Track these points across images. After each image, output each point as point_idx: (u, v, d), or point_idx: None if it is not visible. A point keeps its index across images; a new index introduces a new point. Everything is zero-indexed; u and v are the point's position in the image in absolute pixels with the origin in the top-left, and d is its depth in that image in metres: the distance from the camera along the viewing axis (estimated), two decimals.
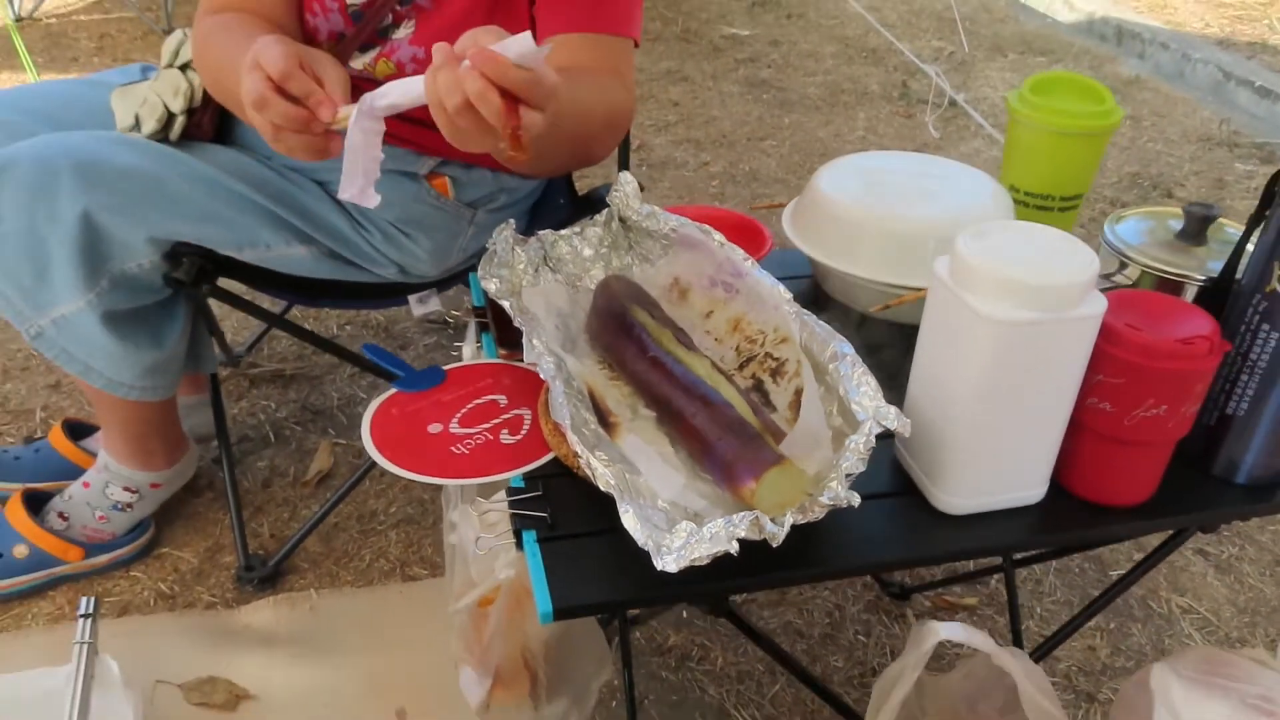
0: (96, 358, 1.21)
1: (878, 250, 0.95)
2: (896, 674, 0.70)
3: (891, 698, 0.69)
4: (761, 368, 0.86)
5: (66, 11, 3.70)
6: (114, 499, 1.43)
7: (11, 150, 1.14)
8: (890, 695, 0.69)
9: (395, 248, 1.26)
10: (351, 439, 1.73)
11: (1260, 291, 0.77)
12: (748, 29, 3.82)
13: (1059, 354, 0.71)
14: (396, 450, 0.83)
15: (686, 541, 0.66)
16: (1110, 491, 0.79)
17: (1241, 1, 4.35)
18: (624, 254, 1.00)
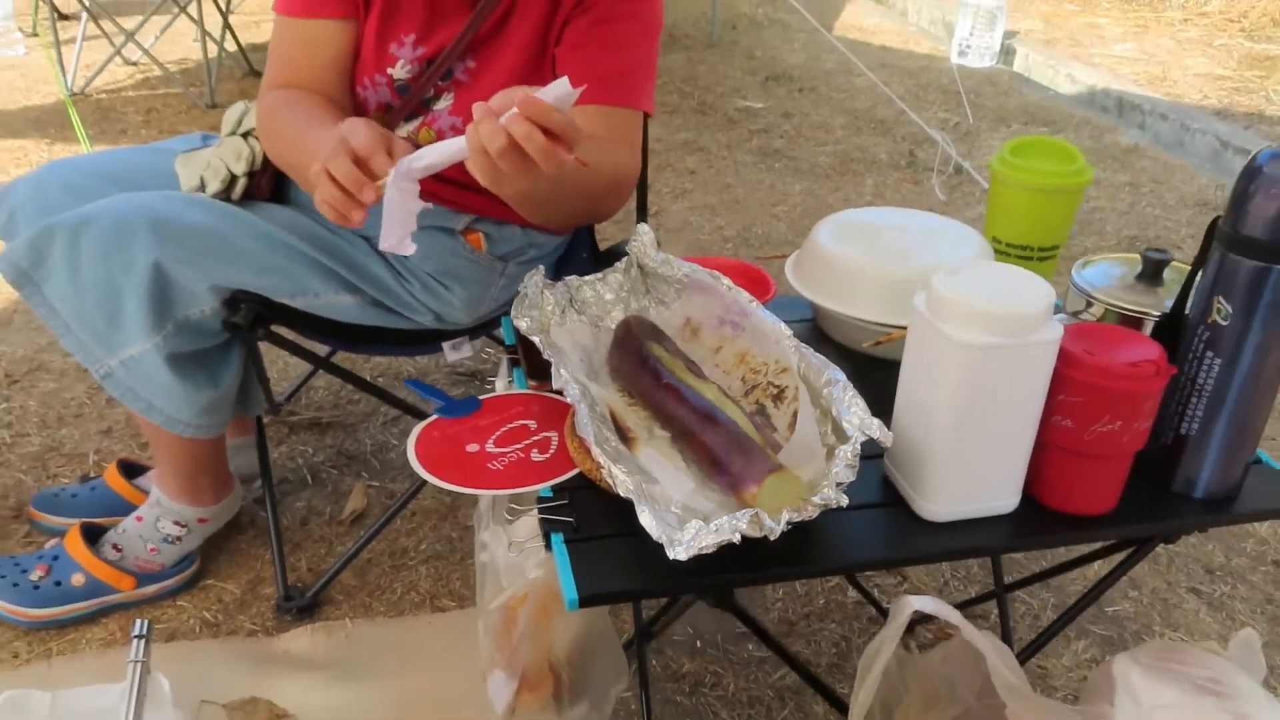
0: (159, 396, 1.33)
1: (869, 294, 1.06)
2: (877, 646, 0.79)
3: (874, 667, 0.77)
4: (764, 394, 0.96)
5: (116, 87, 3.93)
6: (165, 532, 1.53)
7: (91, 208, 1.27)
8: (873, 665, 0.77)
9: (433, 297, 1.38)
10: (384, 481, 1.83)
11: (1204, 323, 0.87)
12: (761, 102, 4.00)
13: (1022, 375, 0.81)
14: (439, 466, 0.93)
15: (695, 535, 0.76)
16: (1076, 501, 0.88)
17: (1239, 75, 4.51)
18: (641, 297, 1.11)
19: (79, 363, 2.09)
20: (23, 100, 3.74)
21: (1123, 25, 5.20)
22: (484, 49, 1.25)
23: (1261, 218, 0.83)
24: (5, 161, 3.18)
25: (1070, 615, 1.07)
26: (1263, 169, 0.82)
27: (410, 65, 1.27)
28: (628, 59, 1.23)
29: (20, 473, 1.81)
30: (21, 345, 2.20)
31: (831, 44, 4.24)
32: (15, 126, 3.48)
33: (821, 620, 1.54)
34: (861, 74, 3.97)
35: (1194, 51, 4.78)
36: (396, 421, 2.00)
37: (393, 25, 1.26)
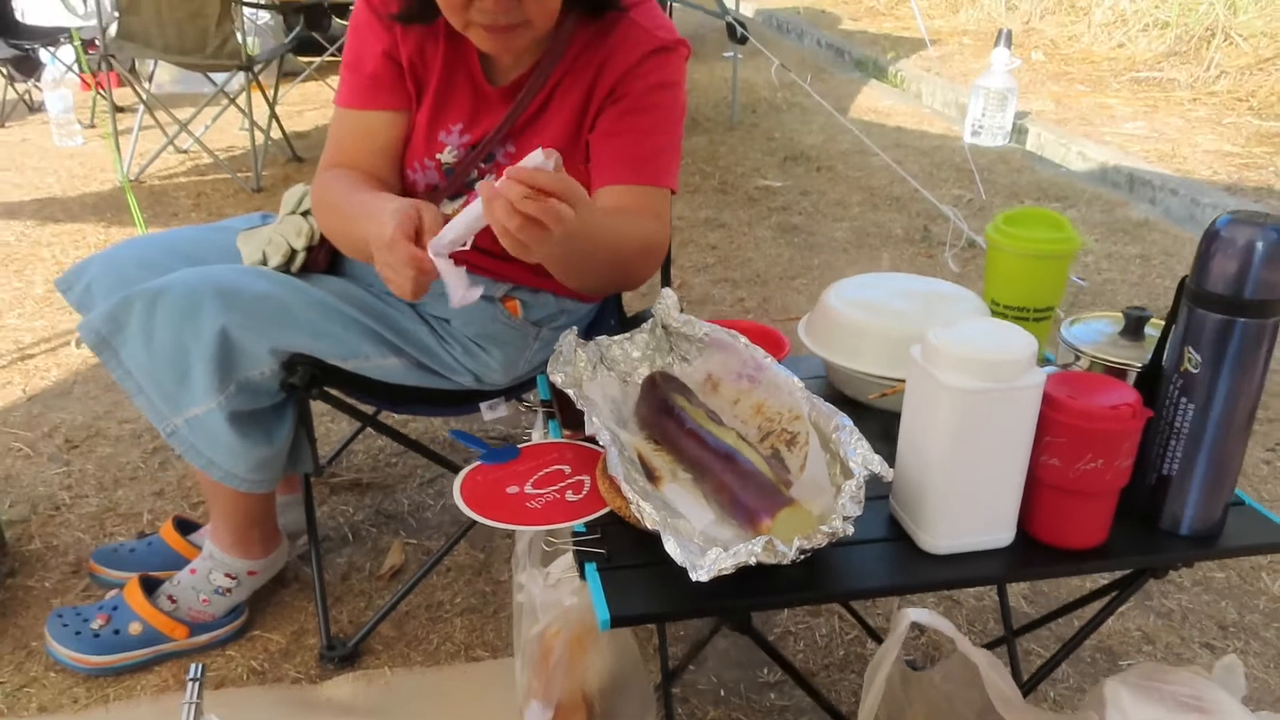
0: (219, 453, 1.43)
1: (874, 350, 1.15)
2: (880, 656, 0.86)
3: (876, 679, 0.84)
4: (779, 439, 1.05)
5: (168, 174, 4.16)
6: (216, 584, 1.62)
7: (165, 280, 1.39)
8: (875, 677, 0.84)
9: (472, 359, 1.49)
10: (421, 539, 1.92)
11: (1177, 371, 0.96)
12: (780, 181, 4.16)
13: (1009, 417, 0.90)
14: (482, 506, 1.03)
15: (715, 559, 0.84)
16: (1067, 535, 0.96)
17: (1248, 151, 4.62)
18: (666, 355, 1.21)
19: (134, 430, 2.24)
20: (82, 187, 3.97)
21: (1133, 105, 5.36)
22: (522, 134, 1.38)
23: (1222, 276, 0.92)
24: (65, 243, 3.37)
25: (1070, 647, 1.13)
26: (1220, 232, 0.92)
27: (457, 150, 1.40)
28: (655, 144, 1.36)
29: (79, 532, 1.92)
30: (80, 413, 2.33)
31: (848, 125, 4.41)
32: (74, 211, 3.69)
33: (841, 670, 1.59)
34: (877, 153, 4.13)
35: (1203, 129, 4.91)
36: (432, 483, 2.09)
37: (442, 116, 1.39)
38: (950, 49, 6.72)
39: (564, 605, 0.99)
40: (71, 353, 2.62)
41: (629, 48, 1.33)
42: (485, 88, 1.38)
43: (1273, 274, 0.91)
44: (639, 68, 1.33)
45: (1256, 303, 0.92)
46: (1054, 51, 6.50)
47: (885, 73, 6.34)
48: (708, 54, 6.65)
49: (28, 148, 4.50)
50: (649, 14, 1.37)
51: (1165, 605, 1.78)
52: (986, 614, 1.70)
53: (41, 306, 2.90)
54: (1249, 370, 0.94)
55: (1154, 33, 6.18)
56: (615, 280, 1.37)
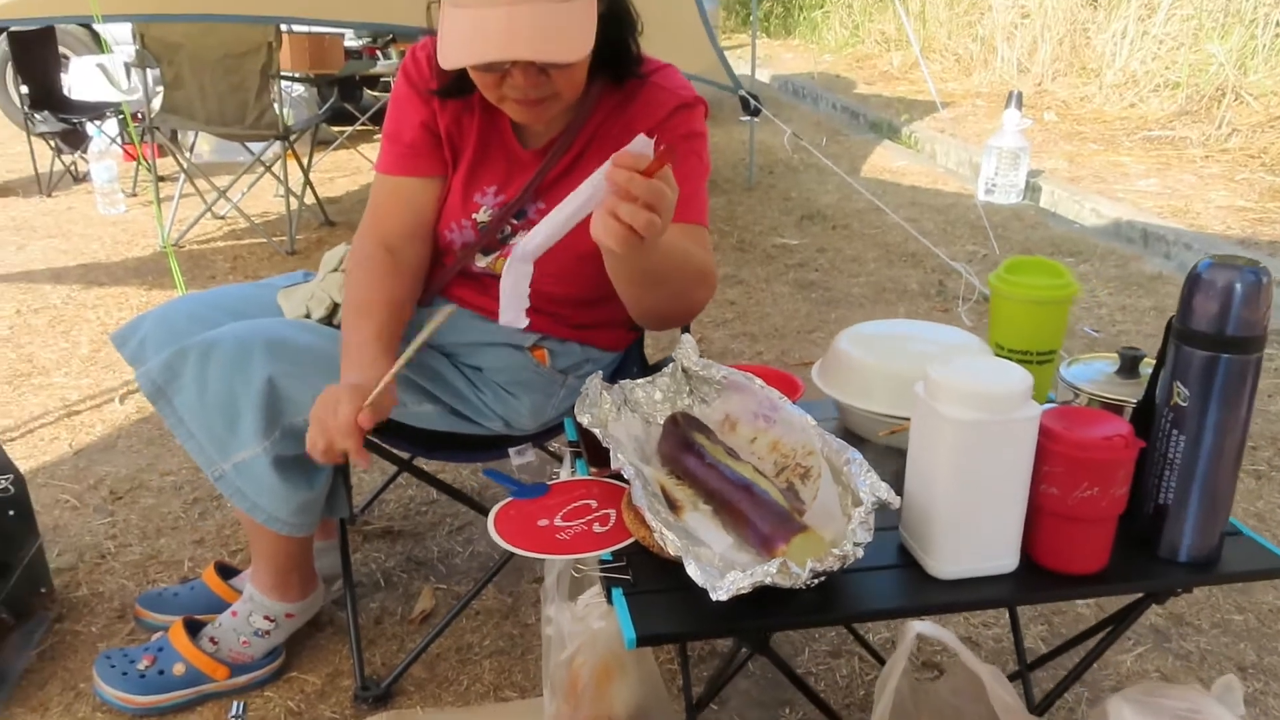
0: (263, 496, 1.51)
1: (883, 390, 1.22)
2: (889, 668, 0.91)
3: (886, 689, 0.89)
4: (793, 473, 1.12)
5: (206, 238, 4.32)
6: (256, 626, 1.69)
7: (217, 333, 1.49)
8: (885, 686, 0.89)
9: (503, 405, 1.57)
10: (450, 584, 1.98)
11: (1168, 405, 1.02)
12: (797, 239, 4.26)
13: (1008, 447, 0.96)
14: (515, 537, 1.09)
15: (734, 580, 0.90)
16: (1068, 561, 1.01)
17: (1261, 206, 4.68)
18: (686, 397, 1.28)
19: (175, 482, 2.32)
20: (125, 252, 4.14)
21: (1145, 163, 5.45)
22: (552, 191, 1.48)
23: (1205, 315, 0.98)
24: (110, 305, 3.51)
25: (1079, 670, 1.17)
26: (1202, 275, 0.99)
27: (491, 209, 1.49)
28: (691, 188, 1.44)
29: (124, 579, 1.99)
30: (124, 466, 2.42)
31: (858, 186, 4.52)
32: (118, 275, 3.85)
33: (863, 710, 1.63)
34: (892, 210, 4.23)
35: (1216, 185, 4.99)
36: (461, 530, 2.16)
37: (478, 179, 1.49)
38: (963, 110, 6.87)
39: (591, 629, 1.05)
40: (116, 408, 2.73)
41: (654, 108, 1.43)
42: (518, 151, 1.48)
43: (1252, 313, 0.97)
44: (667, 122, 1.43)
45: (1239, 339, 0.98)
46: (1066, 112, 6.63)
47: (899, 134, 6.49)
48: (725, 119, 6.83)
49: (73, 216, 4.69)
50: (669, 77, 1.47)
51: (1184, 647, 1.80)
52: (1004, 655, 1.73)
53: (87, 365, 3.01)
54: (1235, 403, 1.00)
55: (1165, 93, 6.30)
56: (675, 303, 1.36)
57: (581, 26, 1.26)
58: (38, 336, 3.24)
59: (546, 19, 1.21)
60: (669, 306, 1.42)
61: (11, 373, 2.97)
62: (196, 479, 2.35)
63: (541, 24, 1.21)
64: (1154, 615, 1.89)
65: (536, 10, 1.21)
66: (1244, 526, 1.11)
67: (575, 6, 1.24)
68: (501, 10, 1.20)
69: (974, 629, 1.82)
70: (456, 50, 1.25)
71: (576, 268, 1.46)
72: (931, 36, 8.88)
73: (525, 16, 1.20)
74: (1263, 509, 2.24)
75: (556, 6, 1.22)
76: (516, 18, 1.20)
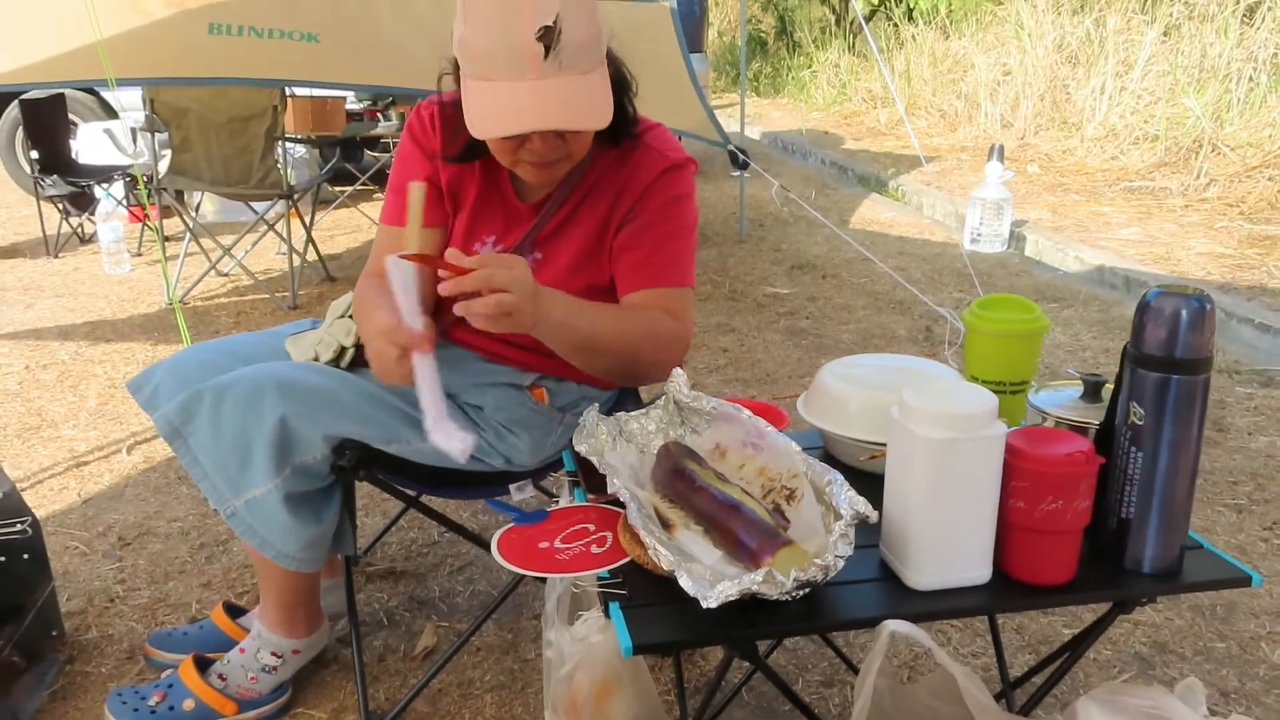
0: (273, 532, 1.57)
1: (863, 418, 1.29)
2: (866, 667, 0.96)
3: (864, 686, 0.94)
4: (779, 495, 1.18)
5: (210, 295, 4.41)
6: (263, 662, 1.73)
7: (230, 376, 1.56)
8: (863, 684, 0.94)
9: (503, 442, 1.63)
10: (452, 622, 2.03)
11: (1126, 424, 1.09)
12: (787, 288, 4.37)
13: (976, 463, 1.03)
14: (517, 558, 1.16)
15: (723, 589, 0.97)
16: (1037, 572, 1.08)
17: (1240, 253, 4.80)
18: (678, 427, 1.35)
19: (182, 528, 2.38)
20: (130, 309, 4.22)
21: (1127, 212, 5.59)
22: (548, 244, 1.57)
23: (1155, 340, 1.06)
24: (116, 360, 3.58)
25: (1053, 681, 1.23)
26: (1151, 304, 1.07)
27: None
28: (670, 252, 1.54)
29: (133, 621, 2.04)
30: (132, 514, 2.48)
31: (845, 237, 4.64)
32: (124, 331, 3.93)
33: None
34: (880, 260, 4.34)
35: (1196, 233, 5.11)
36: (462, 571, 2.21)
37: (477, 228, 1.58)
38: (949, 164, 7.04)
39: (590, 644, 1.11)
40: (123, 458, 2.79)
41: (644, 171, 1.53)
42: (516, 204, 1.57)
43: (1198, 337, 1.05)
44: (653, 186, 1.53)
45: (1187, 361, 1.06)
46: (1049, 165, 6.80)
47: (887, 187, 6.64)
48: (716, 174, 6.99)
49: (80, 275, 4.79)
50: (660, 138, 1.57)
51: (1168, 674, 1.85)
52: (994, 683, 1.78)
53: (95, 418, 3.08)
54: (1187, 421, 1.07)
55: (1145, 145, 6.47)
56: (626, 366, 1.50)
57: (604, 96, 1.35)
58: (46, 391, 3.31)
59: (572, 92, 1.31)
60: (625, 370, 1.53)
61: (21, 426, 3.03)
62: (203, 525, 2.41)
63: (568, 97, 1.31)
64: (1139, 644, 1.94)
65: (563, 84, 1.30)
66: (1204, 540, 1.18)
67: (593, 78, 1.34)
68: (529, 84, 1.29)
69: (963, 658, 1.86)
70: (490, 122, 1.34)
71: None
72: (917, 94, 9.12)
73: (553, 90, 1.29)
74: (1243, 541, 2.30)
75: (579, 80, 1.31)
76: (545, 90, 1.29)
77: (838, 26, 12.06)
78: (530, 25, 1.25)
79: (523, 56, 1.27)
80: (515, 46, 1.27)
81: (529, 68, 1.28)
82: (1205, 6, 6.86)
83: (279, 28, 3.22)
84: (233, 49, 3.16)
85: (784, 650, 1.89)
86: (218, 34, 3.14)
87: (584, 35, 1.30)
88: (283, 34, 3.23)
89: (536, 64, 1.27)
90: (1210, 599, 2.07)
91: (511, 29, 1.26)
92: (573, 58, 1.29)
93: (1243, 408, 3.06)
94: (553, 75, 1.29)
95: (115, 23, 2.99)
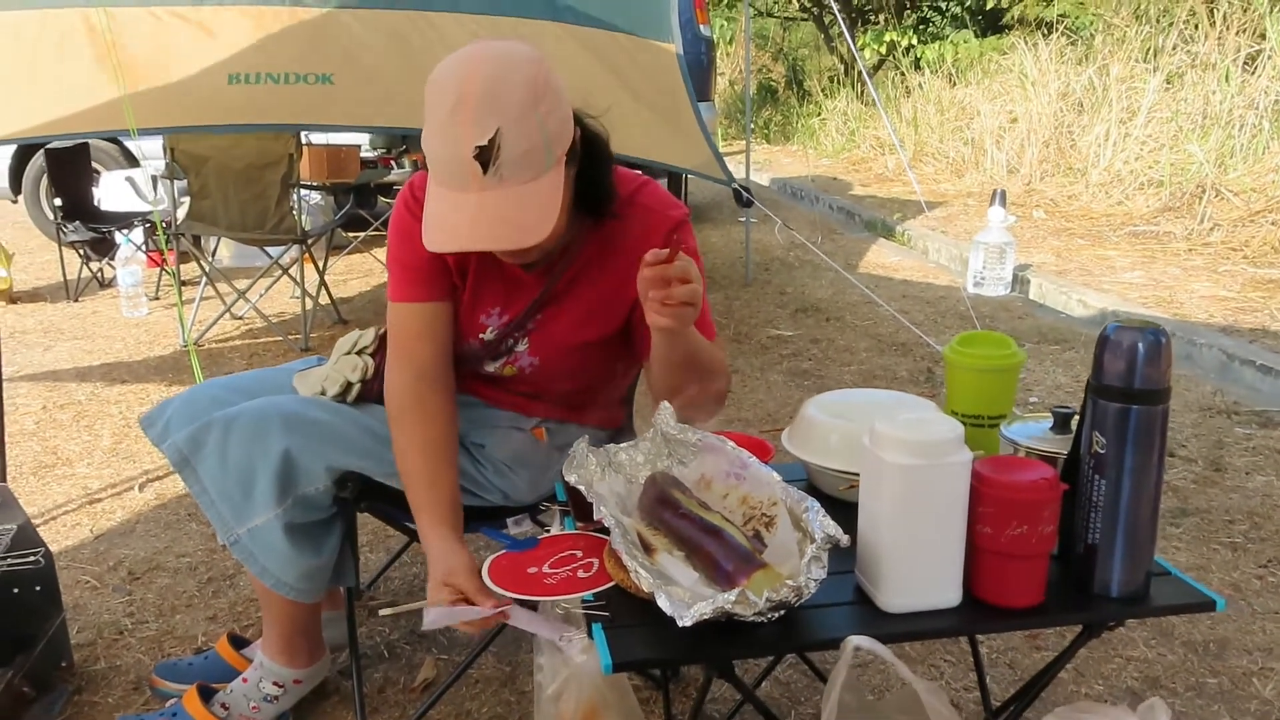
0: (273, 561, 1.62)
1: (842, 449, 1.34)
2: (831, 681, 1.00)
3: (829, 700, 0.98)
4: (759, 522, 1.23)
5: (224, 337, 4.50)
6: (265, 691, 1.77)
7: (238, 408, 1.62)
8: (829, 698, 0.98)
9: (502, 478, 1.69)
10: (451, 655, 2.06)
11: (1090, 453, 1.14)
12: (791, 330, 4.42)
13: (943, 489, 1.08)
14: (506, 582, 1.20)
15: (698, 608, 1.01)
16: (1006, 595, 1.12)
17: (1243, 296, 4.83)
18: (665, 458, 1.40)
19: (190, 563, 2.43)
20: (146, 351, 4.32)
21: (1130, 256, 5.63)
22: (550, 306, 1.60)
23: (1115, 372, 1.11)
24: (131, 401, 3.66)
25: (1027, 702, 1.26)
26: (1110, 338, 1.12)
27: (497, 329, 1.61)
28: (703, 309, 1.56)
29: (140, 653, 2.08)
30: (142, 549, 2.53)
31: (851, 279, 4.70)
32: (140, 373, 4.02)
33: None
34: (885, 303, 4.39)
35: (1199, 277, 5.15)
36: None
37: (481, 301, 1.60)
38: (955, 209, 7.12)
39: (575, 663, 1.15)
40: (135, 496, 2.85)
41: (649, 230, 1.53)
42: (518, 273, 1.58)
43: (1155, 369, 1.10)
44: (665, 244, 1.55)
45: (1146, 392, 1.10)
46: (1054, 210, 6.87)
47: (893, 232, 6.72)
48: (723, 219, 7.10)
49: (98, 319, 4.90)
50: (654, 195, 1.59)
51: None
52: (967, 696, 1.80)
53: (109, 457, 3.15)
54: (1147, 449, 1.11)
55: (1149, 190, 6.54)
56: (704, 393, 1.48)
57: (547, 205, 1.34)
58: (62, 430, 3.38)
59: (511, 205, 1.32)
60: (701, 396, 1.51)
61: (37, 464, 3.10)
62: (211, 560, 2.46)
63: (505, 212, 1.31)
64: (1130, 678, 1.95)
65: (502, 197, 1.31)
66: (1172, 567, 1.22)
67: (539, 185, 1.33)
68: (472, 197, 1.31)
69: (955, 692, 1.88)
70: (431, 234, 1.36)
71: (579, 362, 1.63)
72: (924, 141, 9.25)
73: (492, 204, 1.31)
74: (1238, 579, 2.32)
75: (520, 190, 1.31)
76: (484, 205, 1.31)
77: (846, 75, 12.27)
78: (468, 142, 1.28)
79: (464, 170, 1.30)
80: (457, 160, 1.29)
81: (470, 182, 1.30)
82: (1207, 55, 6.97)
83: (295, 71, 3.33)
84: (251, 96, 3.28)
85: (776, 683, 1.91)
86: (237, 84, 3.25)
87: (526, 145, 1.30)
88: (298, 78, 3.34)
89: (477, 178, 1.30)
90: (1203, 635, 2.09)
91: (454, 143, 1.29)
92: (513, 170, 1.30)
93: (1241, 448, 3.08)
94: (493, 188, 1.30)
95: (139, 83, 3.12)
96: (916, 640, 1.71)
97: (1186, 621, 2.13)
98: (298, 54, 3.32)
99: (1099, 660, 2.01)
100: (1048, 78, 7.98)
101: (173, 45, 3.21)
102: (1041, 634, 2.06)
